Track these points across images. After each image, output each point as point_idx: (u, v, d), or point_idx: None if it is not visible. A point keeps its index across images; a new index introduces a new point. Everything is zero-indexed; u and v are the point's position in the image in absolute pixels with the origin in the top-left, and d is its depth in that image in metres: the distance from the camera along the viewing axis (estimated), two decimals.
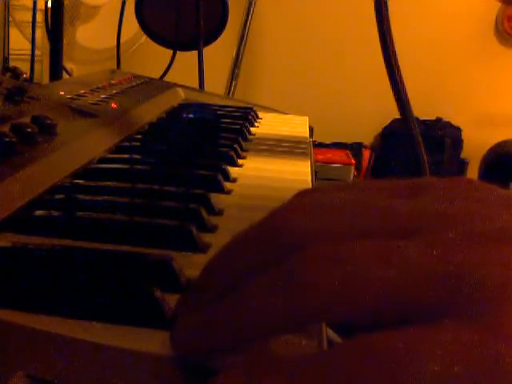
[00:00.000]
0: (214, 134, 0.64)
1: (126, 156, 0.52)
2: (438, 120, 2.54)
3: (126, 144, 0.56)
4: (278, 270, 0.21)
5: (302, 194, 0.26)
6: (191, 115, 0.74)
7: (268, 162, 0.57)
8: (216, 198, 0.41)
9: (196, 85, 1.13)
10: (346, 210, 0.22)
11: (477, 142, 2.47)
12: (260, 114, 0.80)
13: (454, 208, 0.22)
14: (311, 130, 0.77)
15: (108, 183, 0.42)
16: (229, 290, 0.22)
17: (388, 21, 1.04)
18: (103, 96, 0.69)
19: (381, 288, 0.19)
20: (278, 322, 0.21)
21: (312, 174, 0.54)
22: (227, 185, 0.46)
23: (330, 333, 0.22)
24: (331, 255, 0.20)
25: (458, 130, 2.55)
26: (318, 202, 0.24)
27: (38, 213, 0.35)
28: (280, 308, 0.20)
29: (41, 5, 1.30)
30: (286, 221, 0.23)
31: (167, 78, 1.14)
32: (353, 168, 1.06)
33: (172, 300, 0.26)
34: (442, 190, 0.23)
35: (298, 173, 0.54)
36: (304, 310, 0.20)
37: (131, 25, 1.31)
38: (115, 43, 1.26)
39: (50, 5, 0.97)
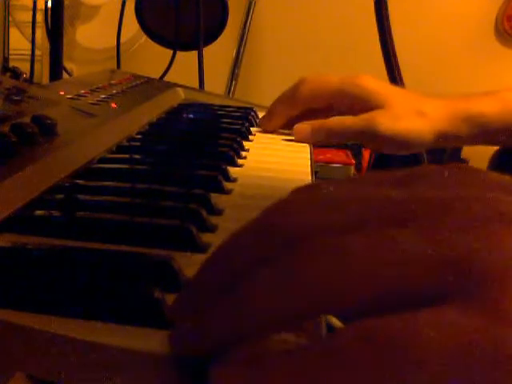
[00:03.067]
0: (214, 134, 0.64)
1: (126, 156, 0.52)
2: None
3: (126, 144, 0.56)
4: (275, 266, 0.21)
5: (298, 191, 0.25)
6: (191, 115, 0.74)
7: (268, 162, 0.57)
8: (216, 198, 0.41)
9: (196, 85, 1.13)
10: (342, 204, 0.22)
11: None
12: (260, 114, 0.80)
13: (449, 194, 0.21)
14: None
15: (108, 183, 0.42)
16: (227, 288, 0.22)
17: (388, 20, 1.04)
18: (103, 96, 0.69)
19: (379, 279, 0.19)
20: (279, 319, 0.21)
21: (312, 174, 0.54)
22: (227, 185, 0.46)
23: (334, 320, 0.22)
24: (328, 249, 0.20)
25: None
26: (314, 196, 0.24)
27: (38, 213, 0.35)
28: (280, 305, 0.20)
29: (41, 5, 1.30)
30: (282, 216, 0.23)
31: (167, 78, 1.14)
32: (353, 168, 1.06)
33: (172, 300, 0.26)
34: (436, 177, 0.23)
35: (298, 172, 0.54)
36: (304, 305, 0.20)
37: (131, 25, 1.31)
38: (115, 43, 1.26)
39: (50, 5, 0.97)
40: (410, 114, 0.65)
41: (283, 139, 0.69)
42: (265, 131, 0.71)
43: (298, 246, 0.21)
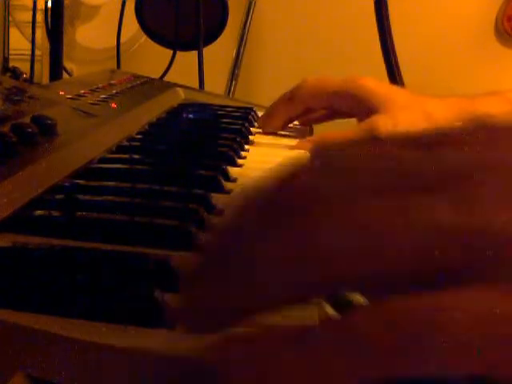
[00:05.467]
0: (214, 134, 0.64)
1: (126, 156, 0.52)
2: None
3: (126, 144, 0.56)
4: (283, 237, 0.19)
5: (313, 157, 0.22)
6: (191, 115, 0.74)
7: (268, 162, 0.57)
8: (216, 198, 0.41)
9: (196, 85, 1.13)
10: (358, 169, 0.20)
11: None
12: (260, 114, 0.80)
13: (480, 159, 0.19)
14: (311, 130, 0.77)
15: (108, 183, 0.42)
16: (235, 259, 0.20)
17: (388, 20, 1.04)
18: (103, 96, 0.69)
19: (404, 253, 0.17)
20: (294, 294, 0.19)
21: None
22: (227, 185, 0.46)
23: (357, 297, 0.21)
24: (345, 217, 0.18)
25: None
26: (327, 162, 0.21)
27: (38, 213, 0.35)
28: (295, 279, 0.18)
29: (41, 5, 1.30)
30: (289, 181, 0.20)
31: (167, 78, 1.14)
32: None
33: (171, 300, 0.26)
34: (460, 138, 0.20)
35: None
36: (320, 280, 0.18)
37: (131, 25, 1.31)
38: (115, 43, 1.26)
39: (50, 5, 0.97)
40: (413, 116, 0.64)
41: (281, 133, 0.70)
42: (265, 132, 0.71)
43: (307, 215, 0.19)
